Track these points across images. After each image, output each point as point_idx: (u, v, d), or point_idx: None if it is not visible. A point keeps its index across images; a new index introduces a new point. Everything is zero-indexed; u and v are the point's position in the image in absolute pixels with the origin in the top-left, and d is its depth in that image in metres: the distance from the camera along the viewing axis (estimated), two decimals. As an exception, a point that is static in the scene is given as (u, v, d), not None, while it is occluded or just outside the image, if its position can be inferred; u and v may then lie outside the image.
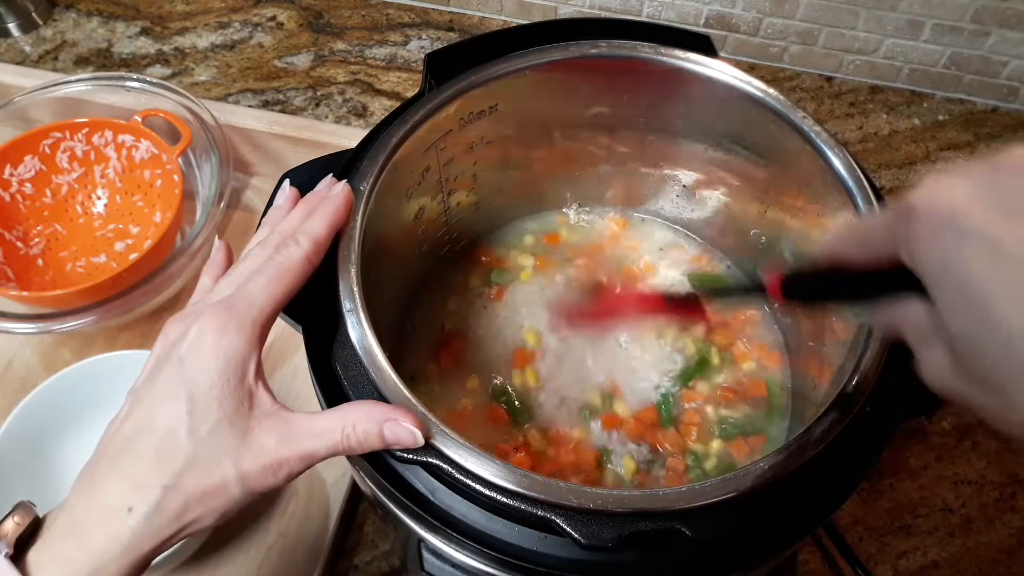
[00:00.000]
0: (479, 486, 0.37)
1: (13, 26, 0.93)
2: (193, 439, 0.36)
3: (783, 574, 0.60)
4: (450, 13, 0.96)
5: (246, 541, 0.61)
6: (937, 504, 0.65)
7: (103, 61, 0.92)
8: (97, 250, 0.74)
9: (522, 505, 0.37)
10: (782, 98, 0.51)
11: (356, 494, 0.63)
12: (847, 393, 0.41)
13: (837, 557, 0.62)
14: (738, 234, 0.62)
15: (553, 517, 0.37)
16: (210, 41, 0.93)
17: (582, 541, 0.36)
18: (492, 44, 0.53)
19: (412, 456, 0.38)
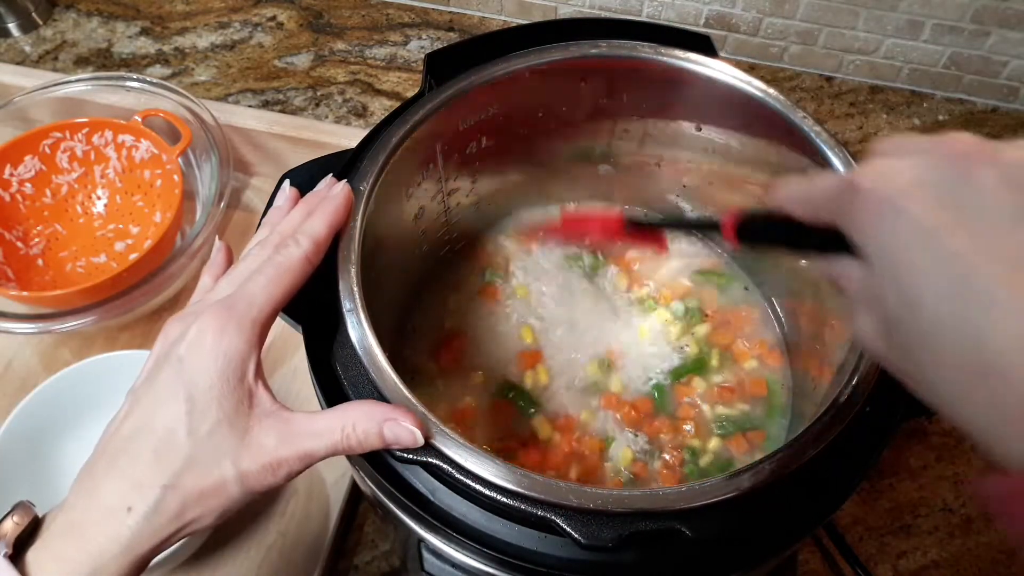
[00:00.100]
0: (479, 486, 0.38)
1: (13, 26, 0.93)
2: (192, 439, 0.36)
3: (783, 574, 0.60)
4: (450, 13, 0.96)
5: (246, 541, 0.61)
6: (937, 504, 0.65)
7: (103, 61, 0.92)
8: (97, 250, 0.74)
9: (522, 505, 0.37)
10: (782, 98, 0.51)
11: (356, 494, 0.63)
12: (847, 393, 0.41)
13: (837, 557, 0.62)
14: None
15: (553, 517, 0.37)
16: (210, 41, 0.93)
17: (582, 541, 0.36)
18: (492, 44, 0.53)
19: (412, 456, 0.38)
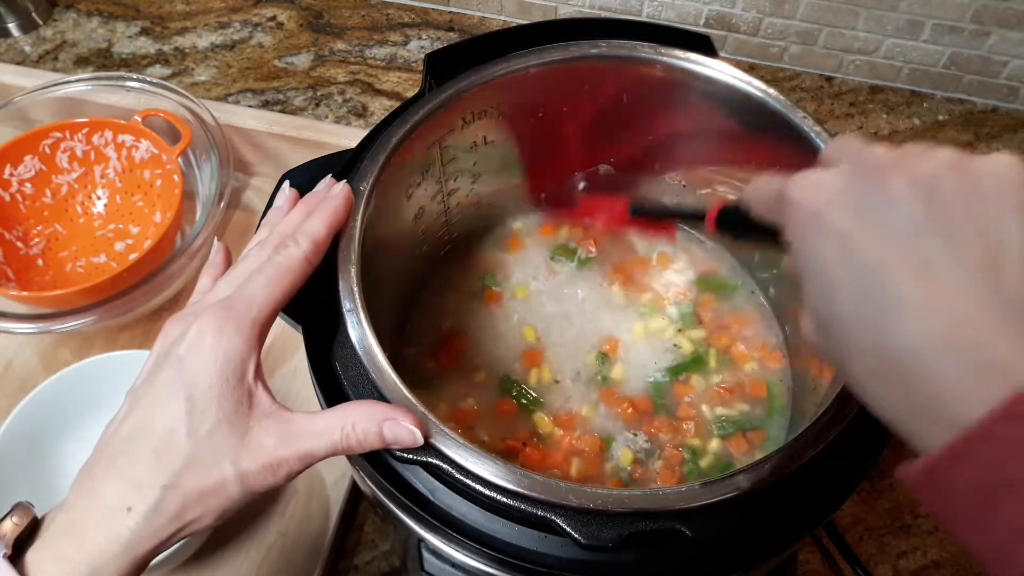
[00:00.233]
0: (479, 486, 0.38)
1: (13, 26, 0.93)
2: (192, 439, 0.36)
3: (783, 574, 0.60)
4: (450, 13, 0.96)
5: (246, 541, 0.61)
6: (937, 504, 0.65)
7: (103, 61, 0.92)
8: (97, 250, 0.74)
9: (522, 505, 0.37)
10: (782, 98, 0.51)
11: (356, 494, 0.63)
12: (847, 393, 0.41)
13: (837, 557, 0.62)
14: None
15: (553, 517, 0.37)
16: (210, 41, 0.93)
17: (582, 541, 0.36)
18: (492, 44, 0.53)
19: (412, 456, 0.38)
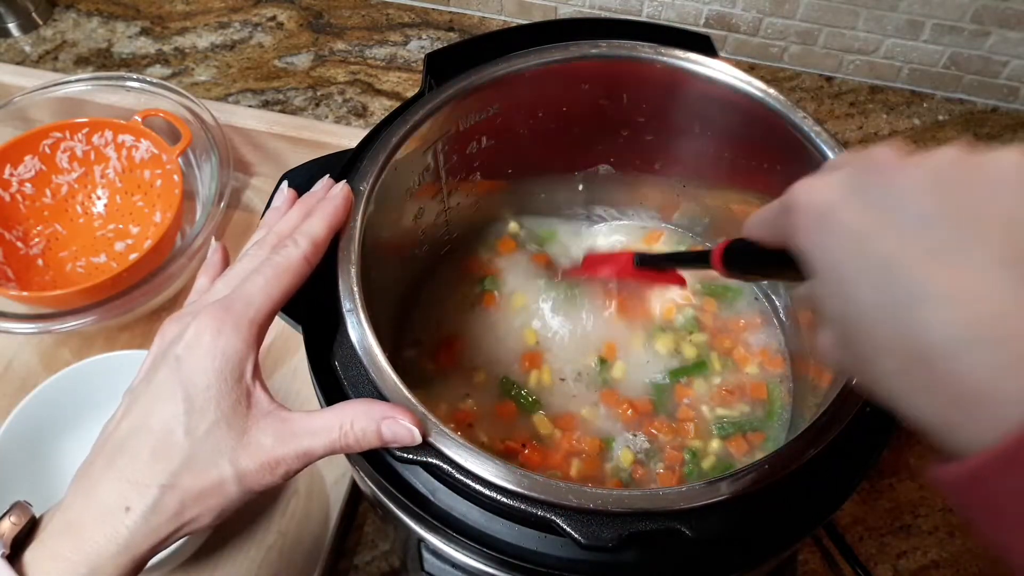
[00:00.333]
0: (479, 486, 0.37)
1: (13, 26, 0.93)
2: (190, 438, 0.36)
3: (783, 574, 0.60)
4: (450, 13, 0.96)
5: (246, 541, 0.61)
6: (937, 504, 0.65)
7: (103, 61, 0.92)
8: (97, 250, 0.74)
9: (522, 505, 0.37)
10: (782, 98, 0.51)
11: (356, 494, 0.63)
12: (847, 393, 0.41)
13: (837, 557, 0.62)
14: (738, 234, 0.62)
15: (553, 517, 0.37)
16: (210, 41, 0.93)
17: (582, 541, 0.36)
18: (492, 44, 0.53)
19: (412, 456, 0.38)
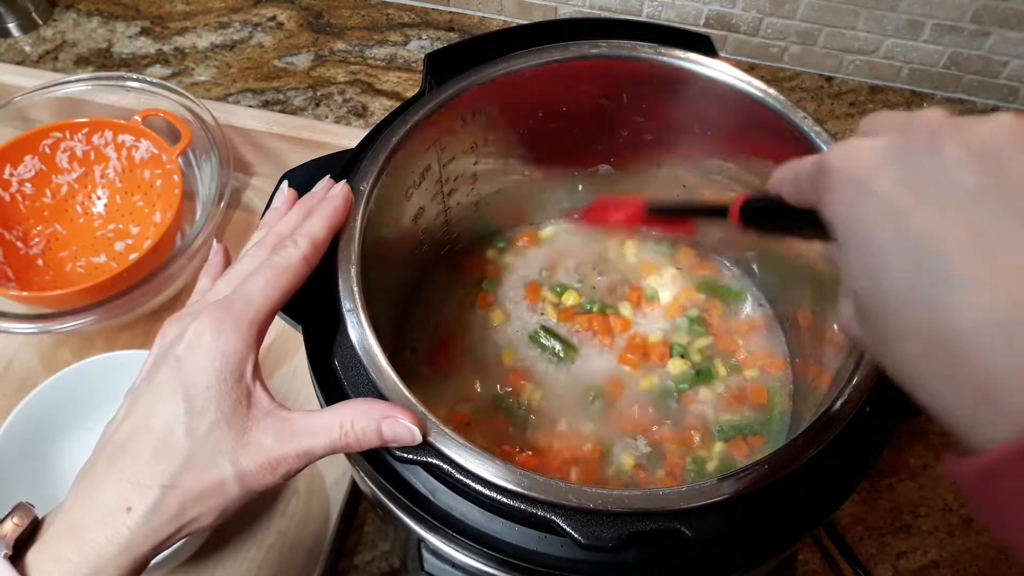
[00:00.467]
0: (479, 486, 0.37)
1: (13, 26, 0.93)
2: (191, 439, 0.36)
3: (783, 574, 0.60)
4: (450, 13, 0.96)
5: (246, 541, 0.61)
6: (937, 504, 0.65)
7: (103, 61, 0.92)
8: (97, 250, 0.74)
9: (522, 505, 0.37)
10: (782, 98, 0.51)
11: (356, 494, 0.63)
12: (847, 393, 0.41)
13: (837, 557, 0.62)
14: (739, 235, 0.62)
15: (553, 517, 0.37)
16: (210, 41, 0.93)
17: (582, 541, 0.36)
18: (492, 44, 0.53)
19: (412, 456, 0.38)
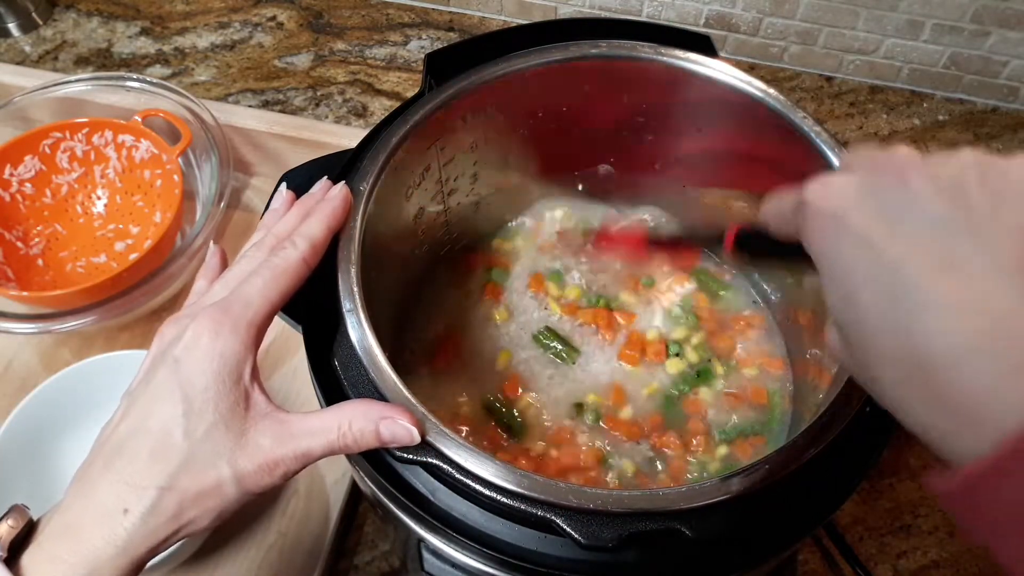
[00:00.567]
0: (479, 486, 0.37)
1: (13, 26, 0.93)
2: (188, 440, 0.36)
3: (783, 574, 0.60)
4: (450, 13, 0.96)
5: (246, 541, 0.61)
6: (937, 504, 0.64)
7: (103, 61, 0.92)
8: (97, 250, 0.74)
9: (522, 505, 0.37)
10: (782, 98, 0.51)
11: (356, 494, 0.63)
12: (847, 394, 0.41)
13: (837, 557, 0.62)
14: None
15: (553, 517, 0.37)
16: (210, 41, 0.93)
17: (582, 541, 0.36)
18: (492, 44, 0.53)
19: (412, 456, 0.38)
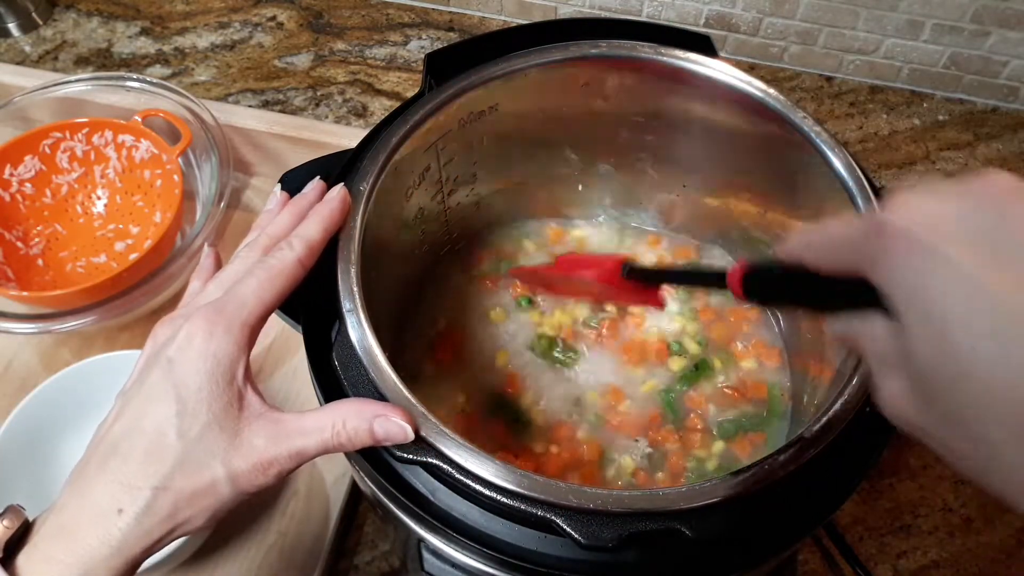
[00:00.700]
0: (479, 486, 0.37)
1: (13, 26, 0.93)
2: (182, 441, 0.36)
3: (783, 574, 0.60)
4: (450, 13, 0.96)
5: (246, 541, 0.61)
6: (937, 504, 0.65)
7: (103, 61, 0.92)
8: (97, 250, 0.74)
9: (522, 505, 0.37)
10: (782, 98, 0.51)
11: (356, 494, 0.63)
12: (847, 393, 0.41)
13: (837, 557, 0.62)
14: (738, 236, 0.62)
15: (553, 517, 0.37)
16: (210, 41, 0.93)
17: (582, 541, 0.36)
18: (492, 44, 0.53)
19: (412, 456, 0.38)
